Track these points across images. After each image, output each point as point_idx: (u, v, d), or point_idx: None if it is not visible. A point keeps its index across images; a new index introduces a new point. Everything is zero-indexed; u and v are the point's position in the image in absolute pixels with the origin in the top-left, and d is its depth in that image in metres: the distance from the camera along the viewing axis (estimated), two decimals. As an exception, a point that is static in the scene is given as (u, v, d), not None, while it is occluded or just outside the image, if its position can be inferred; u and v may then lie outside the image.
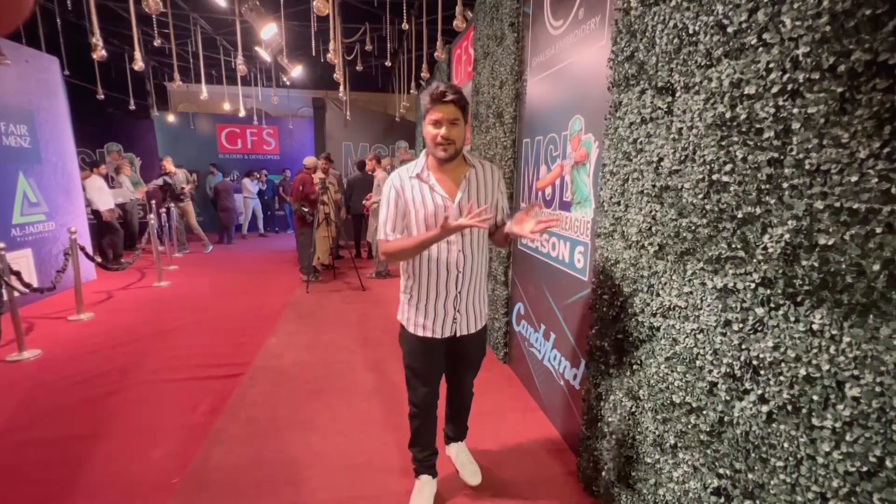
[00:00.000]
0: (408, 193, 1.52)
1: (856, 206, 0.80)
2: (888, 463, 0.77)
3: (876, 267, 0.78)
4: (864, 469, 0.81)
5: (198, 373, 2.97)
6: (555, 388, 2.35)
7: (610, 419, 1.68)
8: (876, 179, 0.77)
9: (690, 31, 1.23)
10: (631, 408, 1.55)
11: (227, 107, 8.56)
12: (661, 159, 1.36)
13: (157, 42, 5.25)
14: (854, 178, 0.81)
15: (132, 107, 7.44)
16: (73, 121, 5.34)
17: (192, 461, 2.04)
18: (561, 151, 2.22)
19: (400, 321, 1.71)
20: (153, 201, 7.72)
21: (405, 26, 4.68)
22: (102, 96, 6.77)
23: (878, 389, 0.78)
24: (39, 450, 2.14)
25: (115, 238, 6.33)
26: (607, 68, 1.66)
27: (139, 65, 3.91)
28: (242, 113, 7.98)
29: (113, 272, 5.32)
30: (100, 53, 3.55)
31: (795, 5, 0.91)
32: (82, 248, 4.27)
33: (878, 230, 0.77)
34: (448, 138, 1.44)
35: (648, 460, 1.45)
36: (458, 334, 1.64)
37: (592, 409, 1.81)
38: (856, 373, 0.82)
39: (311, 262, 5.51)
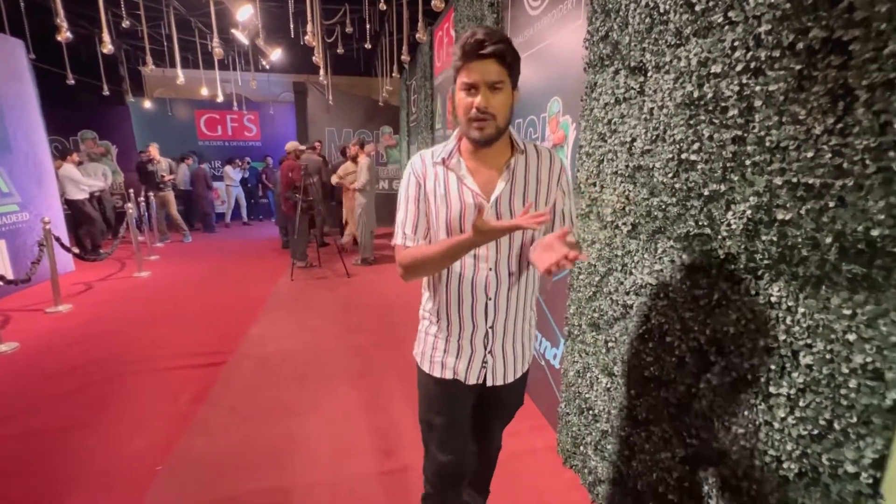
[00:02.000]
0: (430, 184, 1.11)
1: (811, 181, 0.83)
2: (836, 425, 0.81)
3: (828, 240, 0.81)
4: (816, 432, 0.85)
5: (180, 362, 2.95)
6: (536, 368, 2.39)
7: (587, 395, 1.72)
8: (829, 155, 0.79)
9: (661, 10, 1.23)
10: (606, 384, 1.59)
11: (204, 92, 8.31)
12: (633, 139, 1.37)
13: (125, 23, 5.05)
14: (810, 154, 0.83)
15: (106, 92, 7.18)
16: (43, 108, 5.15)
17: (175, 449, 2.04)
18: (540, 134, 2.22)
19: (415, 357, 1.28)
20: (131, 190, 7.54)
21: (383, 6, 4.58)
22: (73, 81, 6.51)
23: (828, 357, 0.82)
24: (18, 443, 2.12)
25: (91, 228, 6.19)
26: (583, 48, 1.66)
27: (108, 48, 3.76)
28: (220, 98, 7.75)
29: (92, 263, 5.20)
30: (65, 35, 3.41)
31: (759, -17, 0.92)
32: (57, 239, 4.16)
33: (831, 204, 0.80)
34: (486, 111, 0.99)
35: (622, 433, 1.50)
36: (490, 383, 1.20)
37: (571, 386, 1.86)
38: (809, 342, 0.85)
39: (304, 248, 5.51)
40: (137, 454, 2.03)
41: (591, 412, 1.70)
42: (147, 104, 9.14)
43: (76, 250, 5.36)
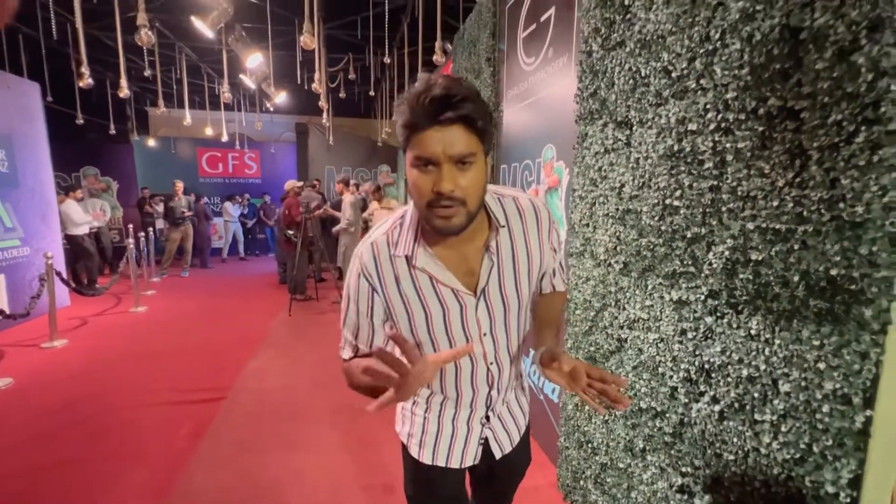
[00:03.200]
0: (391, 290, 0.85)
1: (778, 226, 0.94)
2: (815, 448, 0.88)
3: (796, 278, 0.91)
4: (798, 456, 0.92)
5: (178, 397, 2.94)
6: (535, 402, 2.43)
7: (586, 429, 1.77)
8: (791, 204, 0.91)
9: (643, 74, 1.39)
10: (604, 416, 1.64)
11: (209, 132, 8.60)
12: (622, 185, 1.50)
13: (146, 73, 5.33)
14: (775, 203, 0.95)
15: (112, 131, 7.42)
16: (51, 145, 5.31)
17: (175, 484, 2.03)
18: (536, 177, 2.37)
19: (399, 435, 1.08)
20: (130, 225, 7.64)
21: (387, 60, 4.89)
22: (82, 121, 6.74)
23: (803, 384, 0.90)
24: (12, 481, 2.09)
25: (89, 263, 6.21)
26: (574, 103, 1.83)
27: (125, 92, 3.97)
28: (225, 138, 8.03)
29: (88, 297, 5.20)
30: (86, 82, 3.61)
31: (724, 57, 1.07)
32: (58, 274, 4.20)
33: (796, 247, 0.91)
34: (452, 196, 0.73)
35: (621, 465, 1.54)
36: (496, 455, 1.04)
37: (570, 419, 1.90)
38: (786, 371, 0.94)
39: (304, 282, 5.57)
40: (137, 489, 2.01)
41: (590, 445, 1.74)
42: (151, 142, 9.40)
43: (73, 285, 5.37)
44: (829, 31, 0.83)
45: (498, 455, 1.04)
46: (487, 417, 1.01)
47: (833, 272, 0.84)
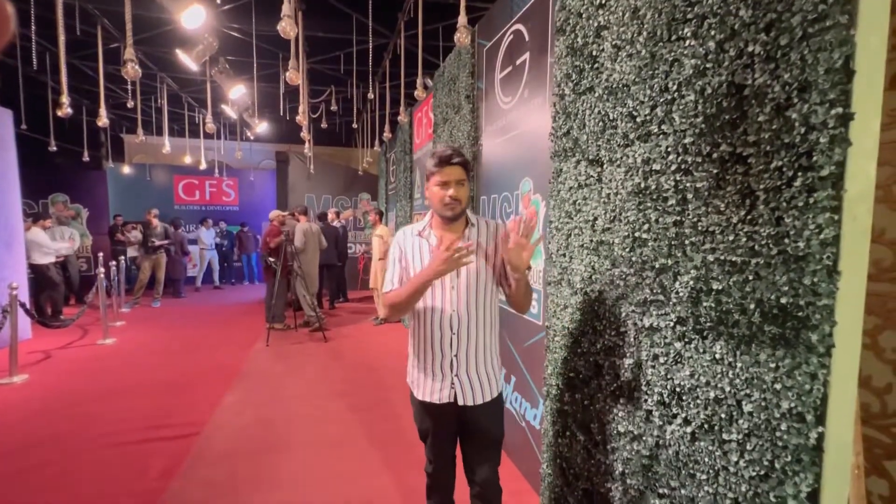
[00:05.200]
0: (409, 251, 1.55)
1: (734, 258, 1.04)
2: (776, 464, 0.95)
3: (752, 306, 1.00)
4: (762, 472, 0.98)
5: (148, 434, 2.82)
6: (517, 430, 2.45)
7: (567, 455, 1.80)
8: (745, 239, 1.02)
9: (611, 118, 1.52)
10: (585, 441, 1.68)
11: (188, 160, 8.53)
12: (595, 218, 1.61)
13: (129, 104, 5.32)
14: (731, 238, 1.05)
15: (86, 158, 7.29)
16: (21, 171, 5.18)
17: (145, 528, 1.94)
18: (514, 209, 2.48)
19: (408, 384, 1.64)
20: (100, 253, 7.39)
21: (371, 96, 5.05)
22: (55, 148, 6.62)
23: (763, 404, 0.98)
24: (-34, 528, 1.95)
25: (54, 294, 5.96)
26: (549, 141, 1.95)
27: (104, 121, 3.95)
28: (203, 166, 7.98)
29: (53, 329, 4.97)
30: (65, 111, 3.59)
31: (681, 106, 1.20)
32: (22, 305, 4.03)
33: (751, 277, 1.01)
34: (456, 198, 1.46)
35: (602, 490, 1.57)
36: (459, 402, 1.51)
37: (551, 446, 1.93)
38: (748, 392, 1.02)
39: (282, 311, 5.46)
40: (102, 536, 1.90)
41: (571, 472, 1.77)
42: (126, 169, 9.24)
43: (37, 317, 5.13)
44: (768, 89, 0.96)
45: (461, 402, 1.50)
46: (452, 365, 1.49)
47: (783, 300, 0.93)
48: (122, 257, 7.33)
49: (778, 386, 0.95)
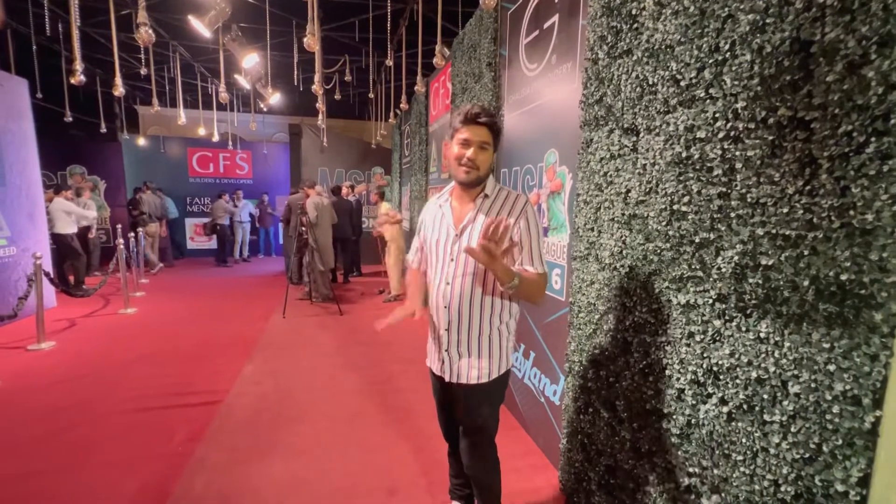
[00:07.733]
0: (427, 221, 1.53)
1: (787, 232, 0.97)
2: (824, 448, 0.91)
3: (806, 283, 0.94)
4: (807, 455, 0.94)
5: (172, 401, 2.89)
6: (535, 405, 2.44)
7: (589, 431, 1.79)
8: (801, 211, 0.94)
9: (650, 83, 1.42)
10: (608, 418, 1.66)
11: (202, 132, 8.50)
12: (628, 191, 1.53)
13: (142, 72, 5.25)
14: (785, 210, 0.98)
15: (103, 129, 7.30)
16: (38, 142, 5.21)
17: (173, 491, 2.00)
18: (538, 181, 2.40)
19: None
20: (119, 225, 7.50)
21: (389, 62, 4.90)
22: (70, 119, 6.62)
23: (813, 385, 0.93)
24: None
25: (76, 263, 6.09)
26: (579, 109, 1.85)
27: (119, 91, 3.91)
28: (216, 138, 7.94)
29: (76, 298, 5.09)
30: (78, 79, 3.54)
31: (734, 67, 1.10)
32: (47, 274, 4.11)
33: (806, 252, 0.94)
34: (473, 161, 1.34)
35: (626, 467, 1.56)
36: (446, 378, 1.50)
37: (572, 422, 1.92)
38: (796, 373, 0.97)
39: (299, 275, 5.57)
40: (132, 497, 1.97)
41: (593, 448, 1.76)
42: (141, 141, 9.26)
43: (61, 286, 5.25)
44: (840, 45, 0.87)
45: (446, 377, 1.49)
46: (442, 339, 1.47)
47: (843, 277, 0.87)
48: (140, 229, 7.43)
49: (831, 367, 0.89)
